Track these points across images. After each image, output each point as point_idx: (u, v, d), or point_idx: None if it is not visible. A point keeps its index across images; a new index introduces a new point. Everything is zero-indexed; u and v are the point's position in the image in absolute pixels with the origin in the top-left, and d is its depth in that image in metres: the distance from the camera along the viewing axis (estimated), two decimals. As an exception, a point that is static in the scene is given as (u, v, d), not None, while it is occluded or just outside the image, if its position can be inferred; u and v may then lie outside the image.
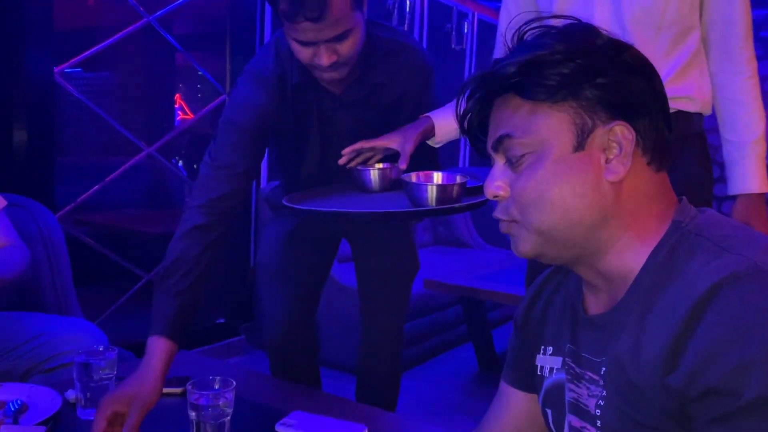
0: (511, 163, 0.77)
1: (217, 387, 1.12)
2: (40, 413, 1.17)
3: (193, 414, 1.09)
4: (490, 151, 0.79)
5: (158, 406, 1.27)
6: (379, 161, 1.48)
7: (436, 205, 1.34)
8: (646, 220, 0.75)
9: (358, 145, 1.43)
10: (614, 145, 0.72)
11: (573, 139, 0.73)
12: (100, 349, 1.25)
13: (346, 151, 1.44)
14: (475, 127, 0.83)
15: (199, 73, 3.17)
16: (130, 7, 2.70)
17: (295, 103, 1.47)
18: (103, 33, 2.67)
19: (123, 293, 2.78)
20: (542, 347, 0.88)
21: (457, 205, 1.38)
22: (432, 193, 1.35)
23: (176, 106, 3.42)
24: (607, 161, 0.73)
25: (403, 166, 1.38)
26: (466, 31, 4.33)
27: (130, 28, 2.71)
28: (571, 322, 0.84)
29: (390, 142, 1.41)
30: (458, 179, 1.42)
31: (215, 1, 3.14)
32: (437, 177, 1.44)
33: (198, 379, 1.12)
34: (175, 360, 1.56)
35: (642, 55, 0.76)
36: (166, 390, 1.32)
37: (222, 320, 3.25)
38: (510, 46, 0.79)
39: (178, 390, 1.34)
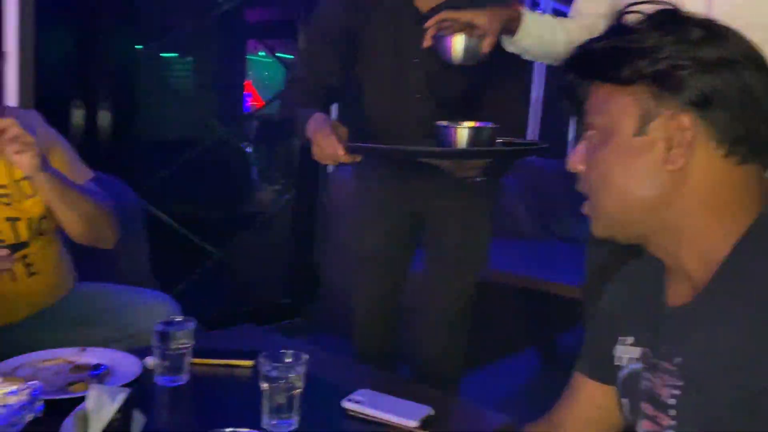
0: (592, 142, 0.80)
1: (289, 360, 1.15)
2: (122, 377, 1.23)
3: (264, 385, 1.12)
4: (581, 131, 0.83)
5: (229, 378, 1.33)
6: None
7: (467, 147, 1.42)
8: (727, 209, 0.74)
9: (442, 15, 1.41)
10: (676, 134, 0.73)
11: (635, 124, 0.75)
12: (179, 319, 1.31)
13: (430, 22, 1.42)
14: (578, 102, 0.85)
15: (270, 60, 3.24)
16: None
17: (376, 17, 1.59)
18: (183, 15, 2.76)
19: (194, 269, 2.89)
20: (621, 337, 0.88)
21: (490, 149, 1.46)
22: (462, 135, 1.43)
23: (247, 93, 3.51)
24: (669, 149, 0.73)
25: (487, 45, 1.39)
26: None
27: (206, 14, 2.79)
28: (651, 312, 0.83)
29: (475, 17, 1.39)
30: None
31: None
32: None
33: (270, 352, 1.16)
34: (242, 335, 1.62)
35: (742, 43, 0.74)
36: (237, 362, 1.38)
37: (286, 301, 3.32)
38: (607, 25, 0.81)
39: (249, 362, 1.38)
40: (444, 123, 1.46)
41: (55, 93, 2.25)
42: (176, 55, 3.18)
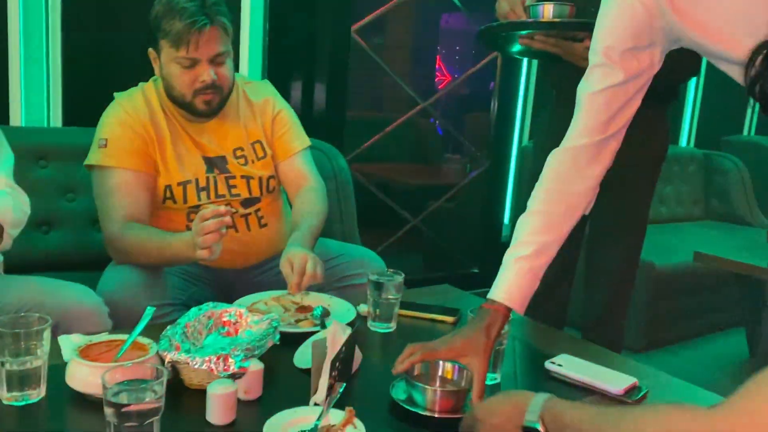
0: None
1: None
2: (339, 318, 1.36)
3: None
4: None
5: (432, 330, 1.41)
6: None
7: None
8: None
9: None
10: None
11: None
12: (390, 272, 1.41)
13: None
14: None
15: (466, 34, 3.27)
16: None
17: None
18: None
19: (393, 233, 3.07)
20: None
21: None
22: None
23: (437, 66, 3.58)
24: None
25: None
26: None
27: None
28: None
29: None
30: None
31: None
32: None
33: (472, 309, 1.20)
34: (443, 293, 1.69)
35: None
36: (440, 317, 1.46)
37: (476, 270, 3.39)
38: None
39: (450, 318, 1.45)
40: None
41: (283, 68, 2.49)
42: (383, 33, 3.34)
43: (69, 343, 1.06)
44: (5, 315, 1.02)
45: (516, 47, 1.68)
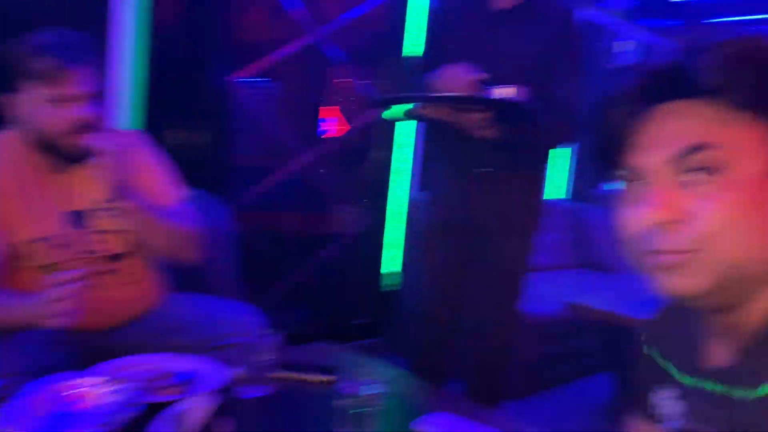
0: (691, 182, 0.65)
1: (366, 379, 1.17)
2: (208, 386, 1.29)
3: (341, 403, 1.15)
4: (651, 167, 0.68)
5: (308, 393, 1.37)
6: None
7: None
8: None
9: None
10: None
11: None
12: (265, 332, 1.36)
13: None
14: (615, 141, 0.71)
15: (355, 86, 3.33)
16: (296, 23, 2.91)
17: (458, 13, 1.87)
18: (272, 46, 2.91)
19: (277, 286, 2.99)
20: (661, 386, 0.82)
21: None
22: None
23: (331, 118, 3.62)
24: None
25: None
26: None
27: (296, 43, 2.93)
28: (690, 370, 0.77)
29: None
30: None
31: (373, 18, 3.28)
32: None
33: (349, 370, 1.18)
34: (323, 351, 1.66)
35: None
36: (317, 378, 1.42)
37: (364, 321, 3.37)
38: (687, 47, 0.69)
39: (327, 379, 1.42)
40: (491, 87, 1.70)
41: (160, 116, 2.41)
42: (267, 80, 3.34)
43: None
44: None
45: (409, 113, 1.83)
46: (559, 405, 2.76)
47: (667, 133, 0.67)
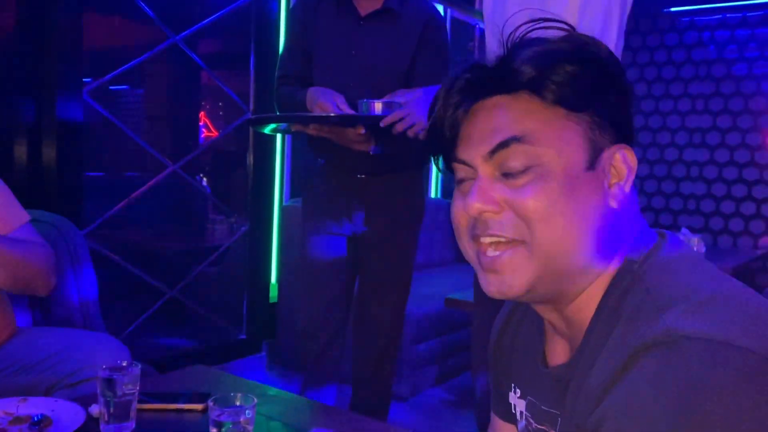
0: (510, 174, 0.67)
1: (238, 403, 1.11)
2: (65, 427, 1.17)
3: (214, 430, 1.09)
4: (475, 161, 0.69)
5: (179, 423, 1.28)
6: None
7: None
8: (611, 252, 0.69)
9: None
10: (621, 168, 0.68)
11: (586, 156, 0.66)
12: (124, 364, 1.25)
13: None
14: (447, 136, 0.72)
15: (224, 91, 3.21)
16: (156, 27, 2.75)
17: (322, 18, 1.86)
18: (130, 53, 2.73)
19: (146, 309, 2.80)
20: (512, 385, 0.83)
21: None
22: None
23: (201, 123, 3.47)
24: (610, 186, 0.68)
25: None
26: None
27: (157, 47, 2.77)
28: (531, 370, 0.78)
29: None
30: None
31: (239, 21, 3.19)
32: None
33: (219, 396, 1.12)
34: (195, 376, 1.57)
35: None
36: (186, 406, 1.33)
37: (243, 336, 3.25)
38: (509, 44, 0.70)
39: (198, 406, 1.34)
40: (364, 100, 1.72)
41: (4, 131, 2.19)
42: (126, 87, 3.14)
43: None
44: None
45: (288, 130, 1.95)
46: (447, 400, 2.81)
47: (488, 126, 0.69)
